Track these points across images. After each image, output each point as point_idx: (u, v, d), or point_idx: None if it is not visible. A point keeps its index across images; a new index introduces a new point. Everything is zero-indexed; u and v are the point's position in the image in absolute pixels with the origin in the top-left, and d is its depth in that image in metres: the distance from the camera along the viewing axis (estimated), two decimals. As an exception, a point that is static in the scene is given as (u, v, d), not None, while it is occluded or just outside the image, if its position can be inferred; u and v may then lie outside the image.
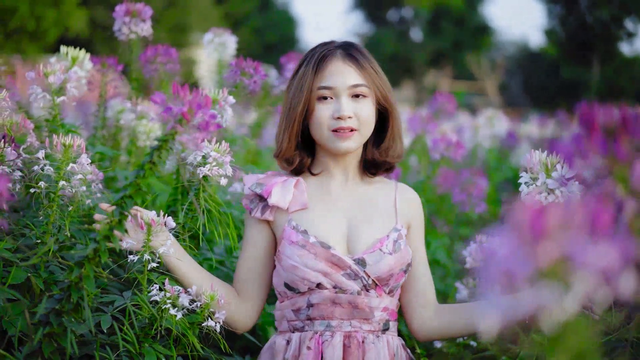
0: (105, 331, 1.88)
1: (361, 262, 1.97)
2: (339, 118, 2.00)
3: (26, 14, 15.45)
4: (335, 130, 2.01)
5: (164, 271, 2.03)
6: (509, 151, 6.73)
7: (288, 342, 2.02)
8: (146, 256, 1.92)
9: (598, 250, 0.67)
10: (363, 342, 1.96)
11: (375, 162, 2.11)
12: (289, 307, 2.03)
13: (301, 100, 2.02)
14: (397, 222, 2.06)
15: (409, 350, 2.10)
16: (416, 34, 32.97)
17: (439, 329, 2.06)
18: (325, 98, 2.02)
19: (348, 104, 2.01)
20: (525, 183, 1.76)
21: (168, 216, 1.94)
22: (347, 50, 2.06)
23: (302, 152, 2.10)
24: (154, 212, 1.94)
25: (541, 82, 25.76)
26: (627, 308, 1.53)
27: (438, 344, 2.43)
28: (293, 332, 2.02)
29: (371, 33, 33.53)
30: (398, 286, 2.03)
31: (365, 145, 2.12)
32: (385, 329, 2.01)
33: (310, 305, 1.99)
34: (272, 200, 2.04)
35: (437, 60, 31.51)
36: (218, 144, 2.04)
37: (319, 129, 2.03)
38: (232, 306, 2.04)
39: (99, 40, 18.34)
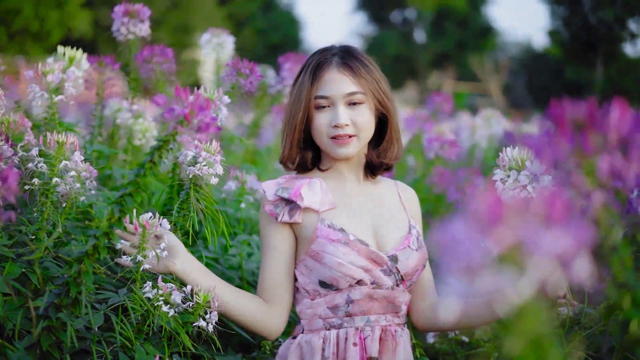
0: (97, 329, 1.90)
1: (394, 259, 2.05)
2: (336, 126, 2.06)
3: (30, 15, 15.50)
4: (333, 138, 2.07)
5: (157, 272, 2.02)
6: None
7: (324, 341, 2.03)
8: (139, 257, 1.94)
9: (552, 236, 0.70)
10: (395, 334, 2.04)
11: (373, 163, 2.17)
12: (324, 304, 2.04)
13: (300, 109, 2.08)
14: (409, 219, 2.15)
15: None
16: (419, 35, 32.97)
17: (435, 321, 2.13)
18: (322, 107, 2.08)
19: (344, 112, 2.06)
20: (501, 180, 1.78)
21: (163, 218, 1.95)
22: (343, 58, 2.10)
23: (304, 150, 2.16)
24: (149, 213, 1.96)
25: (545, 83, 25.74)
26: (582, 293, 1.56)
27: (430, 339, 2.46)
28: (329, 330, 2.04)
29: (374, 34, 33.53)
30: (415, 281, 2.13)
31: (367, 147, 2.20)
32: (407, 322, 2.13)
33: (350, 302, 2.02)
34: (306, 202, 2.07)
35: (440, 62, 31.52)
36: (208, 143, 2.06)
37: (319, 137, 2.10)
38: (259, 315, 2.05)
39: (102, 42, 18.38)
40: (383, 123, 2.17)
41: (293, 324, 2.40)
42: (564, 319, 1.65)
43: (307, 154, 2.16)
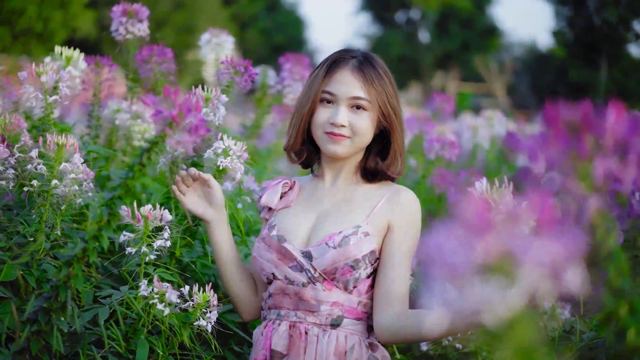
0: (101, 323, 1.90)
1: (308, 255, 2.05)
2: (332, 124, 2.09)
3: (34, 15, 15.51)
4: (328, 133, 2.11)
5: (162, 264, 2.06)
6: (510, 152, 6.70)
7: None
8: (144, 248, 1.95)
9: (542, 244, 0.68)
10: (306, 333, 2.03)
11: (376, 171, 2.17)
12: (263, 297, 2.18)
13: (309, 100, 2.13)
14: (367, 221, 2.08)
15: (382, 353, 2.08)
16: (424, 36, 32.92)
17: (394, 330, 2.00)
18: (327, 102, 2.12)
19: (345, 113, 2.09)
20: None
21: (164, 209, 2.02)
22: (361, 63, 2.12)
23: (311, 150, 2.22)
24: (149, 205, 2.01)
25: (549, 84, 25.68)
26: (576, 302, 1.53)
27: (424, 347, 2.42)
28: (263, 320, 2.16)
29: (379, 34, 33.50)
30: (352, 282, 2.03)
31: (368, 154, 2.19)
32: (336, 325, 2.04)
33: (270, 295, 2.11)
34: (262, 200, 2.22)
35: (444, 62, 31.47)
36: (235, 140, 2.19)
37: (315, 129, 2.14)
38: (242, 296, 2.22)
39: (106, 42, 18.38)
40: (388, 136, 2.18)
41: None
42: (554, 330, 1.61)
43: (313, 155, 2.23)
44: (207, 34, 3.76)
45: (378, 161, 2.17)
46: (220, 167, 2.17)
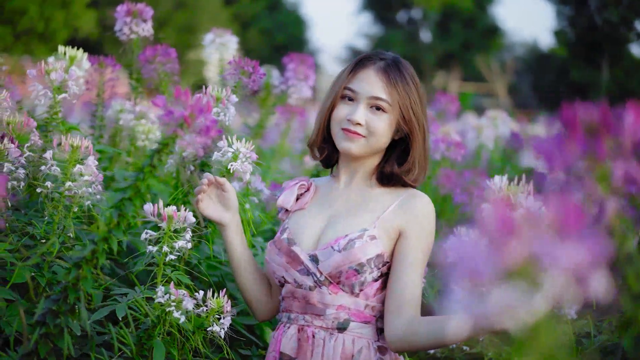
0: (96, 335, 1.89)
1: (314, 259, 2.05)
2: (349, 120, 2.08)
3: (35, 15, 15.51)
4: (344, 129, 2.09)
5: (170, 265, 2.06)
6: (514, 152, 6.70)
7: None
8: (165, 248, 1.95)
9: (568, 249, 0.66)
10: (314, 337, 2.03)
11: (392, 175, 2.13)
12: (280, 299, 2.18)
13: (331, 95, 2.14)
14: (374, 225, 2.05)
15: (391, 356, 2.05)
16: (425, 35, 32.90)
17: (404, 337, 1.96)
18: (348, 99, 2.11)
19: (363, 112, 2.08)
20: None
21: (188, 211, 2.03)
22: (388, 65, 2.11)
23: (331, 148, 2.21)
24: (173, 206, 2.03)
25: (551, 84, 25.65)
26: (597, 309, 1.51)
27: (432, 350, 2.40)
28: (278, 322, 2.16)
29: (380, 34, 33.46)
30: (358, 285, 2.01)
31: (386, 158, 2.17)
32: (342, 328, 2.02)
33: (283, 298, 2.13)
34: (279, 201, 2.22)
35: (446, 62, 31.43)
36: (244, 141, 2.18)
37: (333, 125, 2.14)
38: (258, 297, 2.22)
39: (108, 42, 18.37)
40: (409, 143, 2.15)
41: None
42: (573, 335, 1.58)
43: (333, 153, 2.22)
44: (211, 34, 3.75)
45: (395, 166, 2.13)
46: (231, 171, 2.16)
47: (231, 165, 2.15)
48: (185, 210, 2.02)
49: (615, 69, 22.28)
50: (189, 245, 2.00)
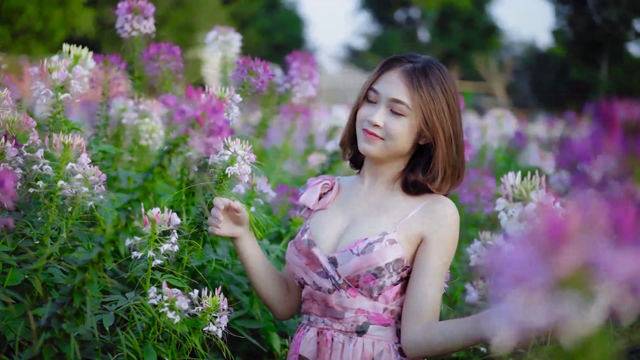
0: (107, 329, 1.85)
1: (333, 261, 2.02)
2: (369, 121, 2.04)
3: (33, 14, 15.49)
4: (364, 130, 2.06)
5: (169, 270, 2.02)
6: (517, 151, 6.67)
7: None
8: (150, 253, 1.90)
9: (624, 256, 0.62)
10: (332, 340, 2.01)
11: (416, 183, 2.06)
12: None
13: (359, 96, 2.12)
14: (395, 229, 2.01)
15: None
16: (424, 35, 32.93)
17: (421, 344, 1.93)
18: (372, 100, 2.07)
19: (382, 113, 2.03)
20: (504, 209, 1.66)
21: (173, 212, 1.96)
22: (413, 69, 2.04)
23: (357, 148, 2.17)
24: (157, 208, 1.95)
25: (549, 83, 25.67)
26: None
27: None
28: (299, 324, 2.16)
29: (378, 33, 33.50)
30: (376, 290, 1.98)
31: (412, 165, 2.10)
32: (362, 332, 1.99)
33: (303, 300, 2.12)
34: (301, 199, 2.19)
35: (444, 61, 31.18)
36: (241, 142, 2.11)
37: (357, 125, 2.11)
38: (274, 296, 2.21)
39: (106, 41, 18.34)
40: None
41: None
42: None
43: (359, 154, 2.18)
44: (214, 32, 3.69)
45: (420, 175, 2.06)
46: (229, 175, 2.11)
47: (229, 169, 2.09)
48: (171, 212, 1.96)
49: (614, 68, 22.30)
50: (176, 248, 1.94)
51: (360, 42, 34.85)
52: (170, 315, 1.84)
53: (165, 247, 1.93)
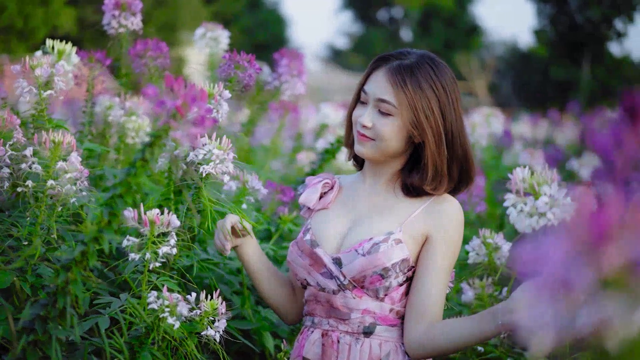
0: (103, 332, 1.80)
1: (338, 262, 1.98)
2: (359, 123, 2.02)
3: (14, 12, 15.34)
4: (357, 132, 2.04)
5: (165, 272, 1.99)
6: (505, 150, 6.68)
7: None
8: (148, 255, 1.84)
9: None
10: (338, 341, 1.98)
11: (412, 186, 2.02)
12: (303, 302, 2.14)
13: (354, 96, 2.09)
14: (400, 228, 1.97)
15: None
16: (406, 34, 33.01)
17: (424, 344, 1.91)
18: (363, 101, 2.04)
19: (370, 114, 2.00)
20: (513, 205, 1.63)
21: (172, 214, 1.91)
22: (400, 66, 1.98)
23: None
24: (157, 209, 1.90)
25: (531, 83, 25.77)
26: None
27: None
28: (302, 326, 2.13)
29: (361, 33, 33.55)
30: (382, 290, 1.95)
31: (410, 167, 2.05)
32: (369, 332, 1.96)
33: (305, 301, 2.08)
34: (301, 199, 2.15)
35: (427, 60, 31.53)
36: (219, 140, 2.03)
37: (352, 127, 2.09)
38: (282, 302, 2.20)
39: (88, 39, 18.21)
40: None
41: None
42: None
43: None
44: (202, 28, 3.65)
45: (414, 176, 2.01)
46: (203, 175, 2.02)
47: (204, 169, 2.01)
48: (169, 213, 1.90)
49: (596, 67, 22.43)
50: (174, 250, 1.89)
51: (342, 42, 34.88)
52: (170, 321, 1.79)
53: (164, 249, 1.87)
